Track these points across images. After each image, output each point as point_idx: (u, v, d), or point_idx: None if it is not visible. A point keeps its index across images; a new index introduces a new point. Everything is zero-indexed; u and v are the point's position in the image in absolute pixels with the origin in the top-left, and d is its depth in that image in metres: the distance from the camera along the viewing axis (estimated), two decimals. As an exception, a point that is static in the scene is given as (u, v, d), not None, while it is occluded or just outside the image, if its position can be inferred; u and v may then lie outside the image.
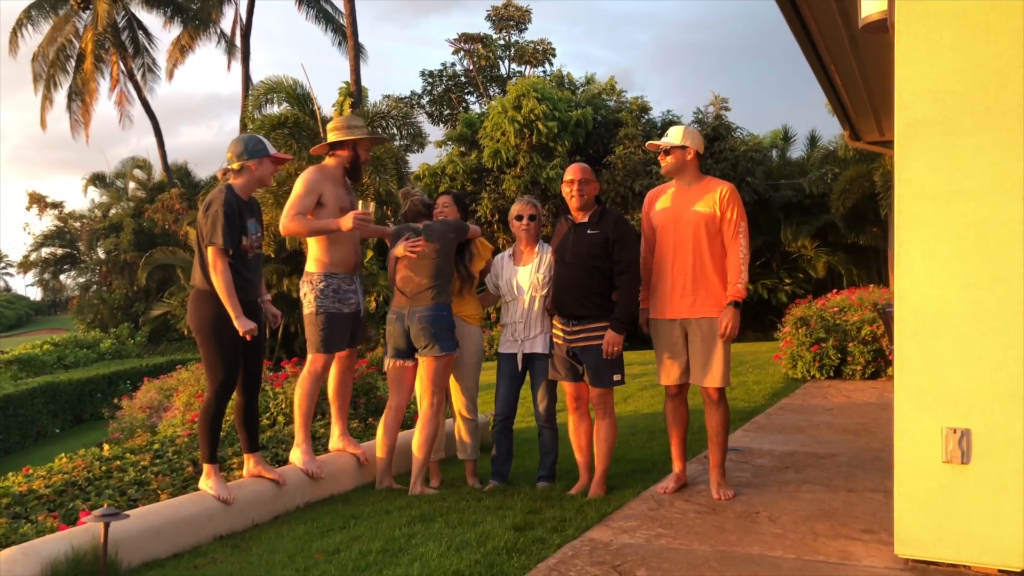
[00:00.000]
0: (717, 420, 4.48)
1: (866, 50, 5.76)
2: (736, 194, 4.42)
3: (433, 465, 5.16)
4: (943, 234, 3.25)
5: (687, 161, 4.46)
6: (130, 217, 28.42)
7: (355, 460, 5.14)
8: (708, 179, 4.53)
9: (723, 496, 4.42)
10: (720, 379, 4.36)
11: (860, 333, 9.11)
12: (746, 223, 4.40)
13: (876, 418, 6.75)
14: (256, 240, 4.38)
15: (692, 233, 4.36)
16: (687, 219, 4.39)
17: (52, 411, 18.24)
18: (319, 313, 4.76)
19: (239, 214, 4.24)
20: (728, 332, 4.29)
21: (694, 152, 4.47)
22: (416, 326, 4.74)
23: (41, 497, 4.63)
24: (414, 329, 4.75)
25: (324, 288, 4.77)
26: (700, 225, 4.35)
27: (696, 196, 4.42)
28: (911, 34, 3.23)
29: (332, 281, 4.79)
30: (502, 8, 27.80)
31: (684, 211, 4.42)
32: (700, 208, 4.37)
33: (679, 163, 4.46)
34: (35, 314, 60.82)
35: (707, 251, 4.35)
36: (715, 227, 4.36)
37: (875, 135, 8.89)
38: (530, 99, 19.11)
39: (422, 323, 4.74)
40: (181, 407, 9.38)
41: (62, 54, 28.62)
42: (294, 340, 24.31)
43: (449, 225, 4.91)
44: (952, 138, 3.21)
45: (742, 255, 4.35)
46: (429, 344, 4.74)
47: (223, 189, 4.30)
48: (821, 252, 20.43)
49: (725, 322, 4.29)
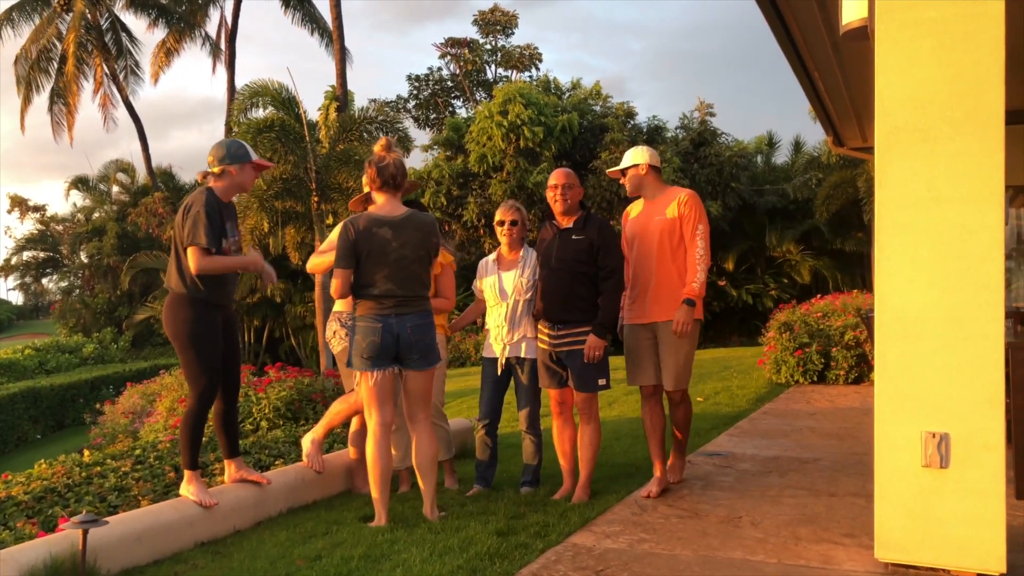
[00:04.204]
0: (677, 417, 4.83)
1: (849, 57, 5.81)
2: (695, 199, 4.63)
3: (446, 464, 5.17)
4: (923, 240, 3.27)
5: (643, 176, 4.71)
6: (113, 221, 28.21)
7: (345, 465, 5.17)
8: (671, 189, 4.74)
9: (675, 479, 4.85)
10: (674, 382, 4.60)
11: (843, 338, 9.16)
12: (706, 226, 4.60)
13: (859, 422, 6.78)
14: (234, 244, 4.35)
15: (657, 240, 4.58)
16: (652, 228, 4.62)
17: (33, 417, 18.07)
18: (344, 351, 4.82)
19: (220, 216, 4.22)
20: (680, 329, 4.47)
21: (647, 167, 4.70)
22: (409, 335, 4.25)
23: (20, 504, 4.58)
24: (406, 338, 4.25)
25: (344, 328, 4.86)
26: (664, 232, 4.58)
27: (661, 206, 4.65)
28: (891, 42, 3.26)
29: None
30: (488, 13, 27.85)
31: (649, 220, 4.65)
32: (663, 216, 4.61)
33: (636, 180, 4.72)
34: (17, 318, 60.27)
35: (670, 256, 4.58)
36: (679, 233, 4.58)
37: (858, 141, 8.95)
38: (516, 104, 19.13)
39: (417, 332, 4.28)
40: (164, 412, 9.30)
41: (44, 56, 28.39)
42: (278, 345, 24.24)
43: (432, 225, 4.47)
44: (932, 145, 3.23)
45: (699, 255, 4.52)
46: (424, 354, 4.31)
47: (203, 191, 4.26)
48: (806, 257, 20.57)
49: (678, 319, 4.47)
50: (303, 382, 7.17)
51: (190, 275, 4.18)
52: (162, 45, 29.69)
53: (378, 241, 4.18)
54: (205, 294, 4.21)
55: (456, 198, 20.08)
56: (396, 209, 4.29)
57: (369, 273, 4.19)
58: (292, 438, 5.99)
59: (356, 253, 4.18)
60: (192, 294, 4.20)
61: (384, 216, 4.24)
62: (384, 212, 4.26)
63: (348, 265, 4.19)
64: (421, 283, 4.31)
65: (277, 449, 5.66)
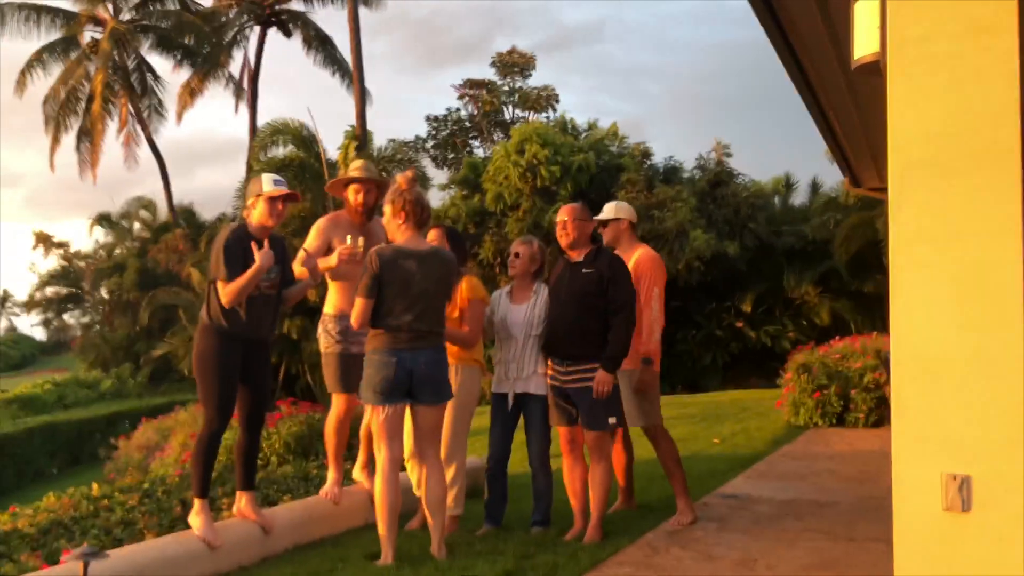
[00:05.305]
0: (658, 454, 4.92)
1: (863, 96, 5.79)
2: (647, 260, 4.88)
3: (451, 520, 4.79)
4: (940, 276, 3.20)
5: (622, 230, 5.02)
6: (134, 257, 28.55)
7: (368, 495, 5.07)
8: (639, 245, 5.04)
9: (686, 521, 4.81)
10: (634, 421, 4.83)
11: (863, 380, 9.01)
12: (661, 289, 4.84)
13: (879, 466, 6.63)
14: (264, 280, 4.30)
15: None
16: None
17: (50, 451, 18.11)
18: (328, 353, 4.89)
19: (244, 249, 4.24)
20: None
21: (627, 223, 5.04)
22: (423, 370, 4.19)
23: (25, 536, 4.53)
24: (419, 373, 4.19)
25: (332, 329, 4.89)
26: None
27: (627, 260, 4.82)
28: (904, 76, 3.23)
29: (342, 323, 4.84)
30: (507, 55, 28.22)
31: None
32: None
33: (616, 233, 5.02)
34: (40, 354, 60.79)
35: None
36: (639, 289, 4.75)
37: (875, 181, 8.90)
38: (533, 143, 19.28)
39: (431, 368, 4.22)
40: (177, 447, 9.29)
41: (72, 96, 29.01)
42: (295, 382, 24.23)
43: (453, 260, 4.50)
44: (947, 180, 3.18)
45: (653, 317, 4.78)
46: (437, 390, 4.27)
47: (235, 224, 4.43)
48: (824, 299, 20.37)
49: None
50: (314, 418, 7.12)
51: (213, 306, 4.27)
52: (187, 85, 30.26)
53: (402, 273, 4.17)
54: (226, 326, 4.25)
55: (472, 236, 20.15)
56: (421, 244, 4.32)
57: (389, 304, 4.16)
58: (302, 474, 5.93)
59: (379, 283, 4.16)
60: (214, 324, 4.27)
61: (410, 248, 4.25)
62: (410, 245, 4.27)
63: (370, 295, 4.17)
64: (439, 318, 4.30)
65: (286, 484, 5.60)
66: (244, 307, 4.26)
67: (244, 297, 4.21)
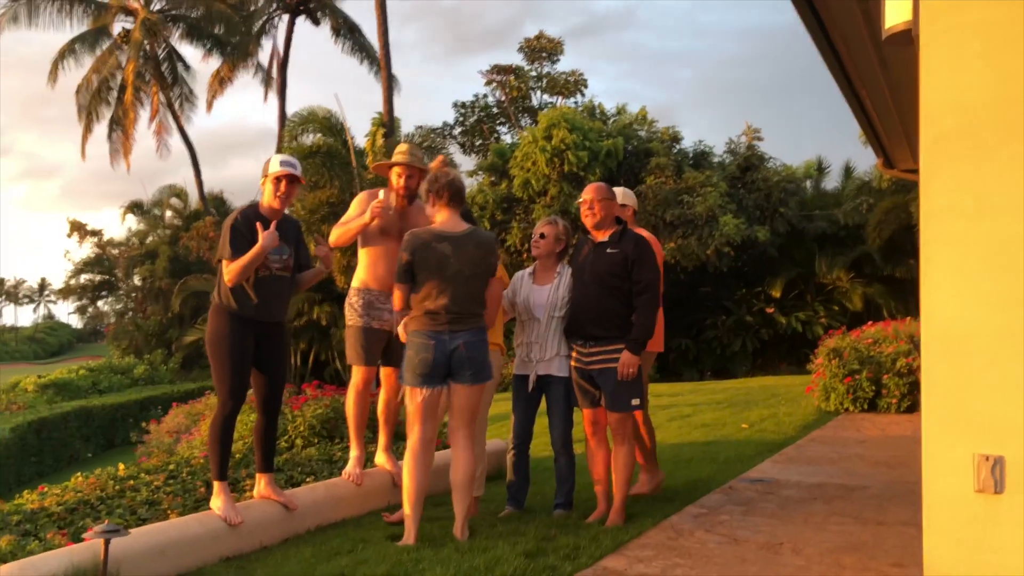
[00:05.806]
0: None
1: (896, 72, 5.64)
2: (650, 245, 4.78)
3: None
4: (972, 252, 3.10)
5: (627, 217, 4.97)
6: (166, 244, 28.91)
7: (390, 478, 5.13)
8: (638, 230, 4.89)
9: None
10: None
11: (895, 365, 8.83)
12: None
13: (911, 451, 6.50)
14: (275, 261, 4.32)
15: None
16: None
17: (85, 435, 18.41)
18: (351, 326, 4.92)
19: (251, 229, 4.23)
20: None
21: (632, 210, 5.13)
22: (462, 352, 4.18)
23: (52, 515, 4.60)
24: (459, 355, 4.18)
25: (356, 302, 4.91)
26: None
27: None
28: (937, 44, 3.12)
29: (366, 296, 4.88)
30: (534, 40, 27.99)
31: None
32: None
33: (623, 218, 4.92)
34: (77, 341, 61.73)
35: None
36: None
37: (908, 162, 8.69)
38: (561, 129, 19.12)
39: (471, 349, 4.21)
40: (204, 431, 9.37)
41: (104, 85, 29.38)
42: (324, 368, 24.40)
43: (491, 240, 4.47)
44: (981, 152, 3.07)
45: None
46: (477, 372, 4.25)
47: (247, 205, 4.43)
48: (857, 284, 20.05)
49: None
50: (339, 400, 7.13)
51: (222, 288, 4.30)
52: (216, 74, 30.48)
53: (436, 256, 4.15)
54: (236, 308, 4.27)
55: (500, 223, 20.09)
56: (458, 225, 4.28)
57: (425, 287, 4.15)
58: (326, 456, 5.95)
59: (412, 268, 4.17)
60: (224, 306, 4.29)
61: (445, 231, 4.23)
62: (446, 227, 4.25)
63: (404, 280, 4.19)
64: (477, 300, 4.26)
65: (310, 467, 5.62)
66: (253, 287, 4.26)
67: (246, 277, 4.23)
